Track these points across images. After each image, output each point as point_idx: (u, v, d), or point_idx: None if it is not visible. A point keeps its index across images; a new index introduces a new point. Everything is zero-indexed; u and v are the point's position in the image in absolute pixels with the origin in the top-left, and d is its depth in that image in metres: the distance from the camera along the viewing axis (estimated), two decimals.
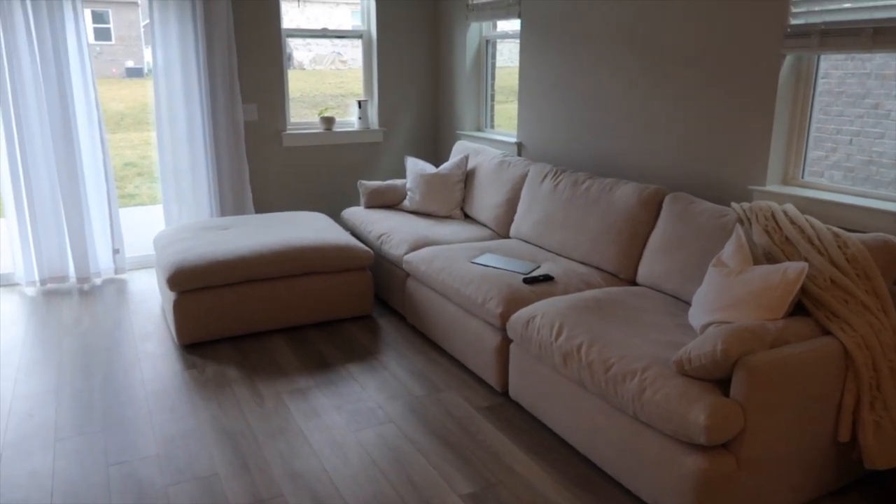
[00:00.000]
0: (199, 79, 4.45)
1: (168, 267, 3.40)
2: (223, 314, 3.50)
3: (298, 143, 4.98)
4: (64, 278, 4.39)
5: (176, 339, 3.49)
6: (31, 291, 4.31)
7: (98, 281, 4.50)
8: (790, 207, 2.60)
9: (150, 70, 18.96)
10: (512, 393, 2.89)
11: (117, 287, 4.41)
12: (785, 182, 2.98)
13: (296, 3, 4.84)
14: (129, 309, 4.03)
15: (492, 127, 5.07)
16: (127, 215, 6.63)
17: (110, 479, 2.39)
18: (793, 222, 2.51)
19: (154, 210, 7.38)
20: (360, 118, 5.17)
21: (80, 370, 3.23)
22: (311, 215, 4.30)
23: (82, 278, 4.39)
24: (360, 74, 5.31)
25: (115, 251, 4.51)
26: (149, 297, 4.22)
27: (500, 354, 2.95)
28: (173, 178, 4.61)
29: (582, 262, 3.34)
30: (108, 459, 2.51)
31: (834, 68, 5.88)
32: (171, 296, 3.42)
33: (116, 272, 4.56)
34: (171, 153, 4.56)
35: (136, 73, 20.14)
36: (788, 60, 2.83)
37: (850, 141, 5.81)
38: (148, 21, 4.27)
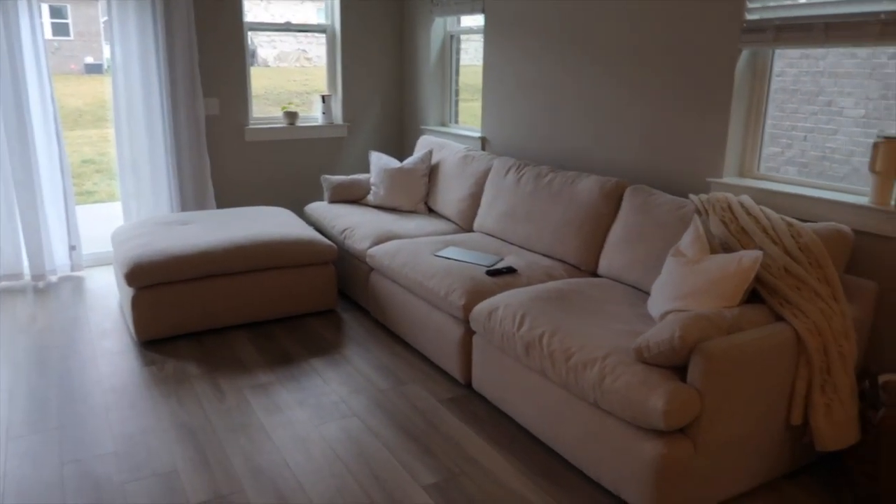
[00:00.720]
0: (160, 74, 4.37)
1: (126, 262, 3.33)
2: (183, 310, 3.44)
3: (261, 137, 4.92)
4: (18, 276, 4.27)
5: (135, 336, 3.43)
6: None
7: (54, 278, 4.39)
8: (746, 199, 2.66)
9: (109, 66, 18.52)
10: (475, 384, 2.90)
11: (74, 284, 4.31)
12: (741, 174, 3.04)
13: (259, 0, 4.78)
14: (86, 306, 3.94)
15: (456, 122, 5.08)
16: (85, 212, 6.48)
17: (65, 478, 2.34)
18: (748, 213, 2.57)
19: (113, 207, 7.22)
20: (324, 113, 5.13)
21: (35, 368, 3.15)
22: (274, 210, 4.26)
23: (37, 276, 4.27)
24: (324, 72, 5.28)
25: (72, 248, 4.41)
26: (107, 294, 4.13)
27: (463, 346, 2.95)
28: (132, 173, 4.51)
29: (545, 255, 3.37)
30: (62, 458, 2.45)
31: (789, 66, 6.03)
32: (130, 292, 3.36)
33: (73, 269, 4.45)
34: (129, 149, 4.47)
35: (95, 69, 19.68)
36: (744, 55, 2.89)
37: (805, 137, 5.96)
38: (106, 18, 4.18)
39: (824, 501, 2.28)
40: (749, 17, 2.81)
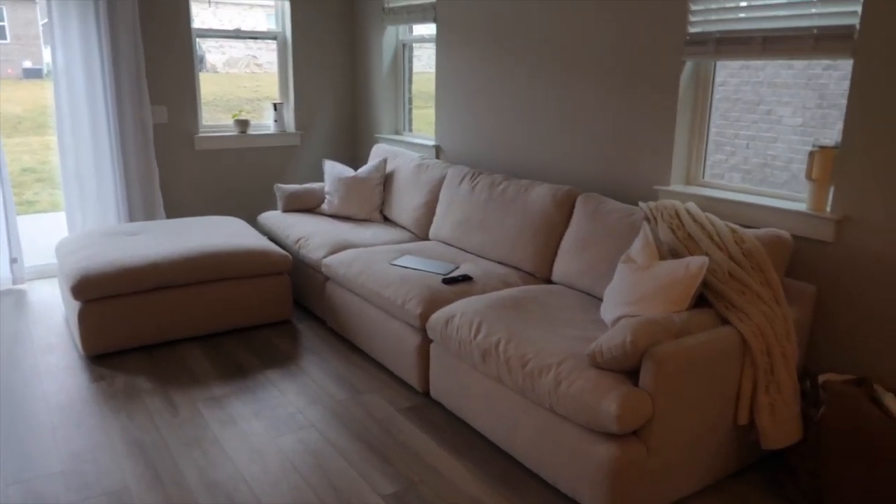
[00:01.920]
0: (104, 80, 4.26)
1: (72, 275, 3.24)
2: (133, 323, 3.36)
3: (212, 146, 4.85)
4: None
5: (81, 351, 3.33)
6: None
7: None
8: (692, 206, 2.75)
9: (49, 71, 17.92)
10: (433, 393, 2.91)
11: (15, 298, 4.16)
12: (687, 182, 3.14)
13: (206, 5, 4.71)
14: (28, 320, 3.81)
15: (410, 130, 5.10)
16: (26, 223, 6.25)
17: (9, 500, 2.25)
18: (695, 220, 2.66)
19: (56, 217, 6.99)
20: (276, 121, 5.08)
21: None
22: (226, 220, 4.20)
23: None
24: (275, 78, 5.23)
25: (13, 261, 4.26)
26: (51, 308, 4.00)
27: (420, 355, 2.96)
28: (76, 183, 4.39)
29: (500, 263, 3.41)
30: (6, 479, 2.36)
31: (731, 76, 6.24)
32: (76, 305, 3.26)
33: (14, 282, 4.29)
34: (73, 157, 4.34)
35: (34, 73, 19.01)
36: (688, 67, 2.99)
37: (747, 145, 6.18)
38: (46, 20, 4.06)
39: (771, 498, 2.37)
40: (691, 29, 2.91)
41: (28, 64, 19.43)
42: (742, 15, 2.76)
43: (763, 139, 6.06)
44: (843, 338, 2.55)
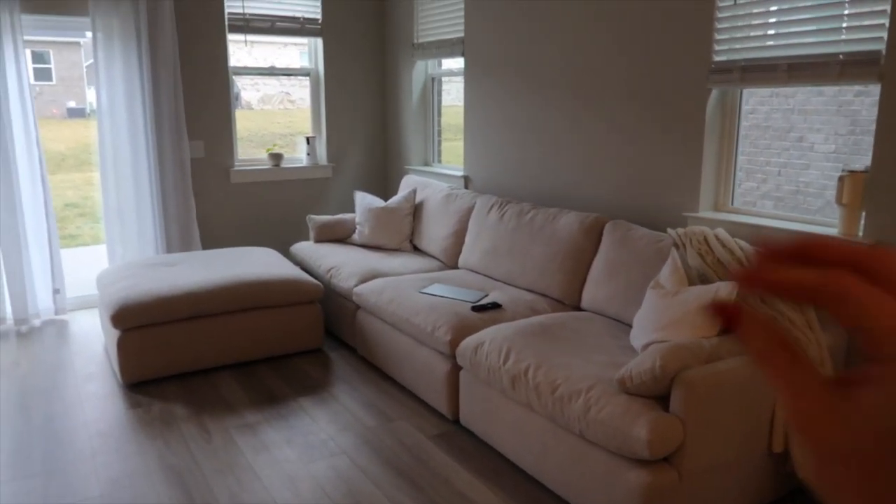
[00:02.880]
0: (145, 117, 4.43)
1: (112, 304, 3.34)
2: (169, 351, 3.44)
3: (246, 179, 4.98)
4: (1, 320, 4.25)
5: (120, 379, 3.42)
6: None
7: (37, 322, 4.36)
8: (721, 232, 2.75)
9: (92, 110, 18.60)
10: (462, 420, 2.92)
11: (58, 328, 4.29)
12: (716, 208, 3.14)
13: (243, 44, 4.89)
14: (70, 350, 3.92)
15: (439, 161, 5.18)
16: (68, 256, 6.46)
17: None
18: (724, 245, 2.65)
19: (97, 250, 7.20)
20: (308, 154, 5.21)
21: (18, 413, 3.12)
22: (260, 250, 4.29)
23: (20, 319, 4.25)
24: (308, 114, 5.37)
25: (56, 291, 4.40)
26: (91, 338, 4.11)
27: (450, 382, 2.98)
28: (117, 217, 4.54)
29: (528, 290, 3.43)
30: (48, 503, 2.43)
31: (760, 104, 6.22)
32: (115, 334, 3.36)
33: (57, 313, 4.43)
34: (115, 192, 4.50)
35: (77, 113, 19.76)
36: (714, 95, 3.01)
37: (779, 172, 6.13)
38: (90, 61, 4.25)
39: None
40: (716, 58, 2.94)
41: (72, 104, 20.21)
42: (769, 43, 2.78)
43: (795, 166, 6.01)
44: None
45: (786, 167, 6.09)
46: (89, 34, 4.34)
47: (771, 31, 2.79)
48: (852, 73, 2.49)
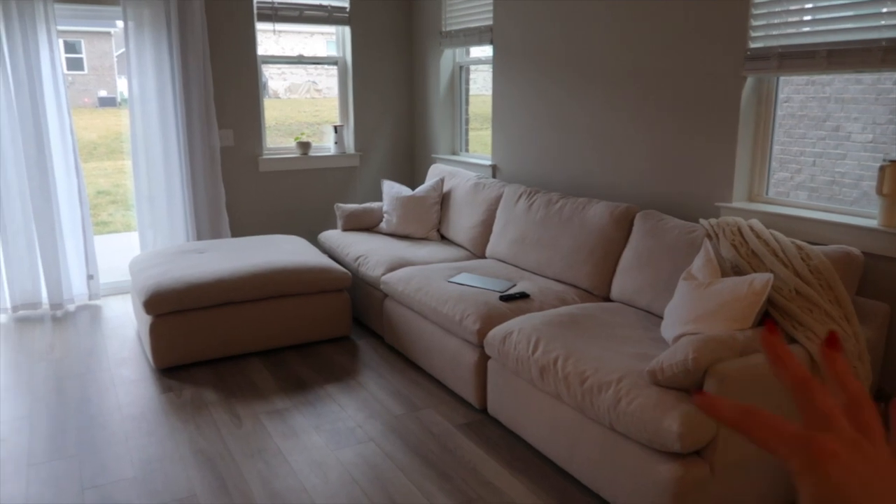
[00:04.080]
0: (175, 106, 4.47)
1: (145, 290, 3.39)
2: (200, 337, 3.49)
3: (275, 167, 5.01)
4: (36, 305, 4.34)
5: (152, 363, 3.47)
6: (2, 318, 4.25)
7: (72, 307, 4.45)
8: (755, 222, 2.69)
9: (123, 99, 18.85)
10: (490, 409, 2.92)
11: (91, 313, 4.37)
12: (750, 199, 3.08)
13: (271, 33, 4.90)
14: (103, 334, 3.99)
15: (466, 150, 5.15)
16: (101, 242, 6.57)
17: (86, 503, 2.36)
18: (758, 236, 2.60)
19: (129, 237, 7.33)
20: (336, 143, 5.22)
21: (53, 396, 3.19)
22: (288, 238, 4.32)
23: (55, 304, 4.34)
24: (334, 102, 5.38)
25: (90, 277, 4.48)
26: (124, 323, 4.18)
27: (477, 371, 2.98)
28: (148, 204, 4.60)
29: (557, 280, 3.40)
30: (83, 484, 2.48)
31: (796, 92, 6.09)
32: (148, 319, 3.41)
33: (90, 298, 4.51)
34: (146, 180, 4.56)
35: (108, 102, 20.04)
36: (749, 82, 2.95)
37: (814, 162, 6.00)
38: (121, 51, 4.31)
39: None
40: (752, 45, 2.87)
41: (103, 93, 20.51)
42: (806, 29, 2.71)
43: (831, 156, 5.87)
44: None
45: (821, 157, 5.96)
46: (120, 23, 4.39)
47: (808, 17, 2.72)
48: (895, 59, 2.41)
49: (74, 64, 20.22)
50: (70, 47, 20.09)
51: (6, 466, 2.60)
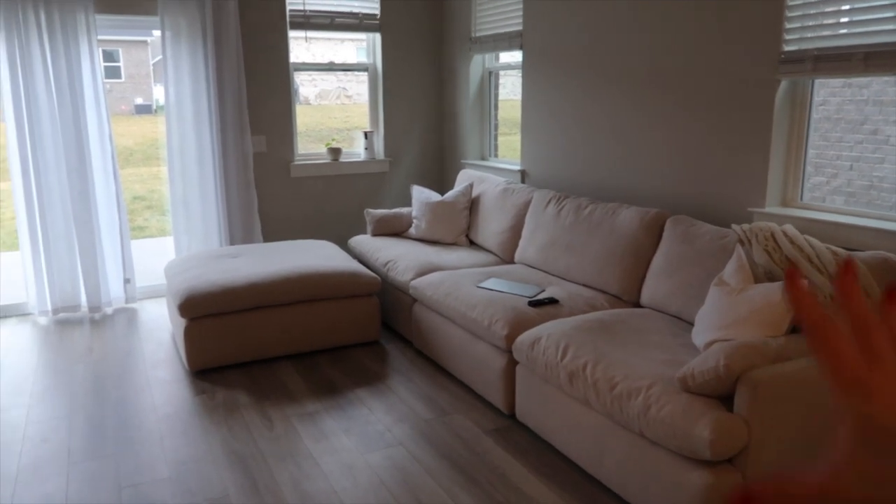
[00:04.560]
0: (210, 113, 4.56)
1: (179, 293, 3.46)
2: (233, 340, 3.55)
3: (306, 173, 5.08)
4: (76, 307, 4.46)
5: (186, 366, 3.54)
6: (43, 321, 4.37)
7: (109, 310, 4.56)
8: (789, 228, 2.65)
9: (158, 107, 19.24)
10: (519, 415, 2.91)
11: (128, 316, 4.47)
12: (784, 204, 3.04)
13: (303, 41, 4.98)
14: (139, 337, 4.08)
15: (495, 156, 5.16)
16: (137, 247, 6.71)
17: (123, 502, 2.42)
18: (792, 242, 2.56)
19: (164, 241, 7.48)
20: (366, 149, 5.27)
21: (92, 396, 3.28)
22: (319, 243, 4.37)
23: (94, 307, 4.45)
24: (364, 109, 5.43)
25: (126, 281, 4.58)
26: (159, 326, 4.27)
27: (506, 376, 2.98)
28: (183, 209, 4.69)
29: (586, 286, 3.39)
30: (120, 482, 2.54)
31: (832, 95, 5.97)
32: (182, 322, 3.48)
33: (127, 301, 4.62)
34: (181, 185, 4.66)
35: (144, 109, 20.49)
36: (783, 86, 2.91)
37: (851, 166, 5.88)
38: (157, 58, 4.41)
39: None
40: (786, 48, 2.84)
41: (140, 101, 20.97)
42: (842, 31, 2.67)
43: (868, 160, 5.75)
44: None
45: (858, 161, 5.84)
46: (157, 33, 4.49)
47: (844, 19, 2.67)
48: None
49: (112, 72, 20.72)
50: (108, 56, 20.59)
51: (49, 464, 2.67)
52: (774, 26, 2.85)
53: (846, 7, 2.66)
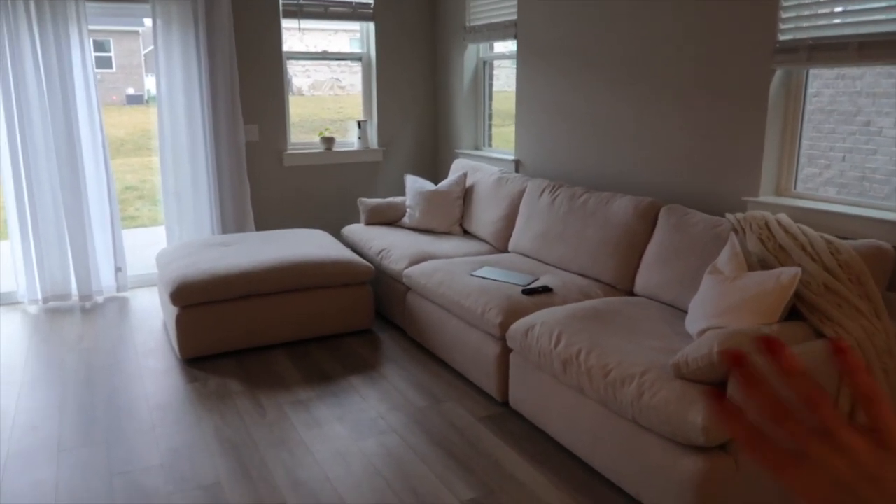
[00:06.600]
0: (202, 102, 4.52)
1: (171, 282, 3.44)
2: (225, 329, 3.53)
3: (299, 162, 5.05)
4: (66, 296, 4.43)
5: (178, 354, 3.52)
6: (33, 309, 4.34)
7: (100, 299, 4.53)
8: (783, 217, 2.66)
9: (150, 97, 19.11)
10: (512, 402, 2.91)
11: (119, 305, 4.45)
12: (778, 193, 3.04)
13: (296, 31, 4.95)
14: (131, 326, 4.06)
15: (489, 145, 5.15)
16: (128, 236, 6.66)
17: (114, 489, 2.41)
18: (786, 230, 2.57)
19: (155, 231, 7.42)
20: (359, 138, 5.24)
21: (83, 385, 3.25)
22: (312, 232, 4.35)
23: (84, 296, 4.42)
24: (357, 99, 5.41)
25: (118, 270, 4.55)
26: (151, 315, 4.25)
27: (500, 364, 2.98)
28: (175, 199, 4.66)
29: (580, 274, 3.39)
30: (111, 470, 2.53)
31: (825, 87, 5.99)
32: (174, 311, 3.46)
33: (118, 290, 4.59)
34: (173, 175, 4.62)
35: (136, 99, 20.33)
36: (778, 75, 2.90)
37: (843, 158, 5.89)
38: (149, 49, 4.37)
39: None
40: (782, 37, 2.83)
41: (131, 91, 20.81)
42: (837, 21, 2.67)
43: (861, 151, 5.76)
44: None
45: (851, 152, 5.85)
46: (148, 22, 4.45)
47: (839, 8, 2.67)
48: None
49: (103, 62, 20.53)
50: (99, 46, 20.40)
51: (38, 452, 2.66)
52: (770, 16, 2.85)
53: None
